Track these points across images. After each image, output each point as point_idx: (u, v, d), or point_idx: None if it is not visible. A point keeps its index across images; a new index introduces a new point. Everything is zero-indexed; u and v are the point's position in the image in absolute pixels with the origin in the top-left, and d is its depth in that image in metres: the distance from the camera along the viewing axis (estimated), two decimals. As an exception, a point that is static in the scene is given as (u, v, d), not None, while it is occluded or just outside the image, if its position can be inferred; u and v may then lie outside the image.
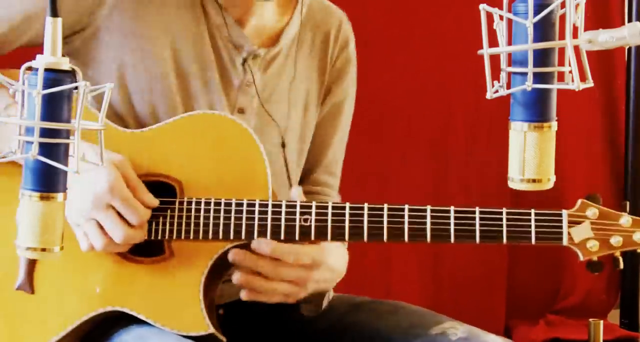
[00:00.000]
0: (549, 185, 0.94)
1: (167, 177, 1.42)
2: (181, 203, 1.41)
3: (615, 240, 1.40)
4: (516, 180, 0.94)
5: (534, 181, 0.93)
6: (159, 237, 1.41)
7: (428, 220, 1.39)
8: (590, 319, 2.30)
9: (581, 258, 1.39)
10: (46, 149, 0.93)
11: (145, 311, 1.40)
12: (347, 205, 1.40)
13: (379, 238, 1.40)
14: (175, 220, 1.41)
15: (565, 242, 1.39)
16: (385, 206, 1.40)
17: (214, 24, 1.51)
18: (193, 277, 1.40)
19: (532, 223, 1.38)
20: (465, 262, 2.56)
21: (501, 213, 1.39)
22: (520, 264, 2.66)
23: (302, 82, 1.59)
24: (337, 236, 1.40)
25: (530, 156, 0.93)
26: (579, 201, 1.40)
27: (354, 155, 1.73)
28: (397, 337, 1.48)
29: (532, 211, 1.39)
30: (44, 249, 0.95)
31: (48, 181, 0.94)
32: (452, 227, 1.38)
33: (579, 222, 1.39)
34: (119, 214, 1.36)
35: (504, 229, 1.38)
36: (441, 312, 1.54)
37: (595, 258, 1.40)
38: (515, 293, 2.65)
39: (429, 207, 1.39)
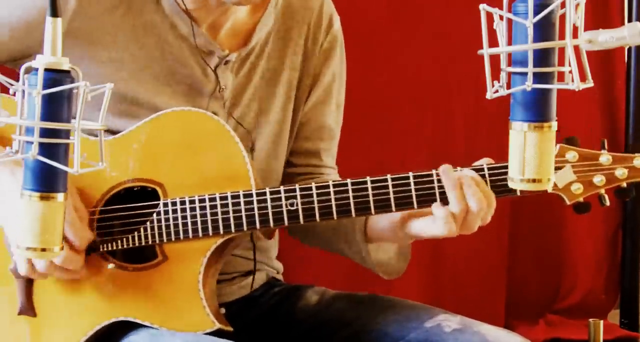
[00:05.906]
0: (549, 185, 0.94)
1: (148, 181, 1.41)
2: (165, 205, 1.40)
3: (598, 179, 1.39)
4: (516, 180, 0.94)
5: (534, 180, 0.94)
6: (150, 242, 1.40)
7: (412, 187, 1.39)
8: (590, 319, 2.30)
9: (567, 202, 1.39)
10: (46, 149, 0.93)
11: (150, 317, 1.40)
12: (330, 183, 1.39)
13: (367, 211, 1.39)
14: (163, 223, 1.40)
15: (550, 189, 1.38)
16: (368, 178, 1.40)
17: (182, 35, 1.48)
18: (190, 276, 1.40)
19: None
20: (464, 262, 2.55)
21: (483, 169, 1.38)
22: (520, 263, 2.66)
23: (279, 75, 1.57)
24: (326, 215, 1.39)
25: (530, 156, 0.93)
26: (558, 146, 1.39)
27: (353, 154, 1.73)
28: (394, 331, 1.49)
29: None
30: (44, 249, 0.95)
31: (48, 181, 0.94)
32: (436, 190, 1.38)
33: (560, 167, 1.38)
34: None
35: (488, 185, 1.38)
36: (441, 312, 1.54)
37: (581, 199, 1.40)
38: (515, 293, 2.65)
39: (411, 174, 1.39)
